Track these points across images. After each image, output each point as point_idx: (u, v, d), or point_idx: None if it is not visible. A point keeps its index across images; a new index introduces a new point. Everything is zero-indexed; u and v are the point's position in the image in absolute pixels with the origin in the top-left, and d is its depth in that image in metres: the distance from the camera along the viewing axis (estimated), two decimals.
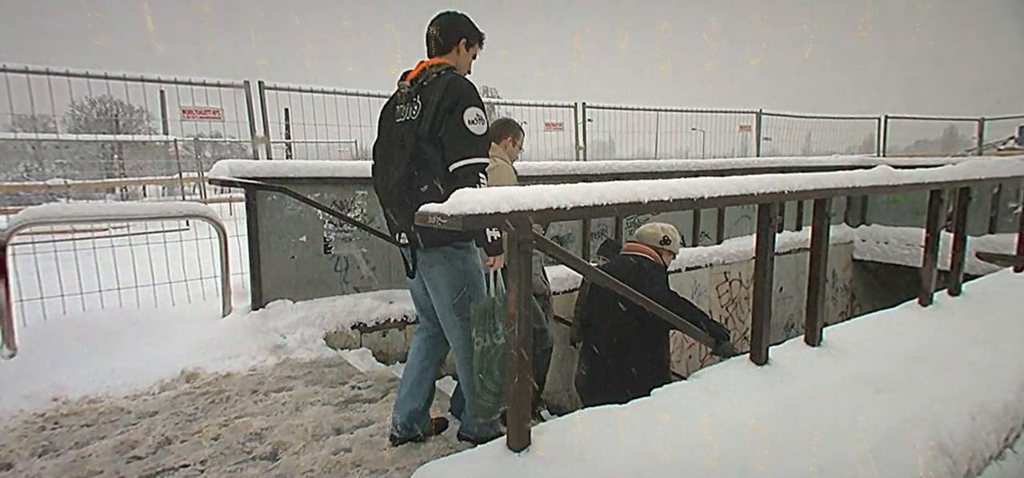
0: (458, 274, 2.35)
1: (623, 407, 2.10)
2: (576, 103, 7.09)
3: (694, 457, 1.81)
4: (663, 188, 2.04)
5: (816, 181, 2.51)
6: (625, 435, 1.90)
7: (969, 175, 3.24)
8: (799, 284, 6.83)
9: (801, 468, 1.82)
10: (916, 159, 8.16)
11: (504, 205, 1.64)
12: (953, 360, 2.66)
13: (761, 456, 1.86)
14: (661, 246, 3.47)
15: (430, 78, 2.28)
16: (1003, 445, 2.35)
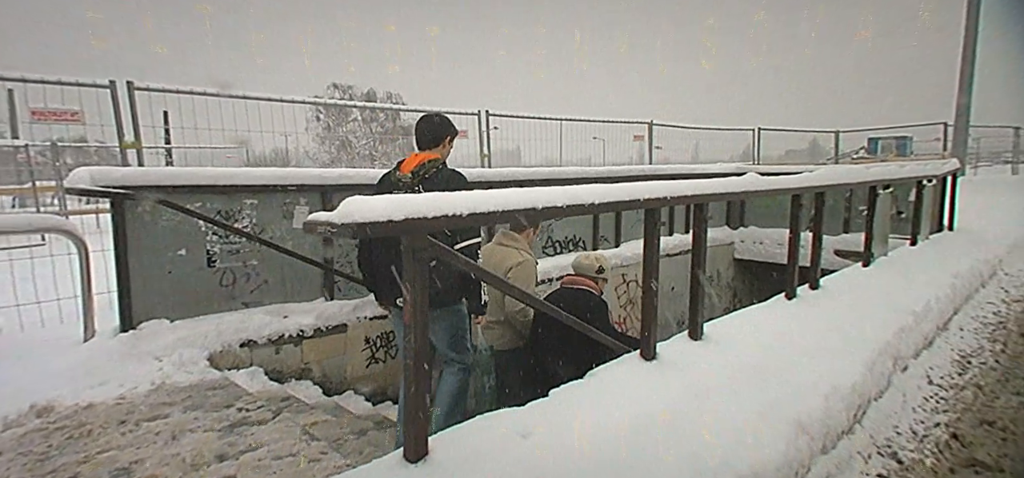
0: (455, 325, 3.12)
1: (522, 409, 2.14)
2: (479, 111, 7.15)
3: (589, 453, 1.88)
4: (559, 195, 2.10)
5: (693, 187, 2.71)
6: (523, 438, 1.93)
7: (823, 181, 3.67)
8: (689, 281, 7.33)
9: (685, 453, 1.95)
10: (782, 167, 9.09)
11: (397, 213, 1.61)
12: (811, 347, 2.99)
13: (650, 445, 1.97)
14: (597, 275, 3.66)
15: (431, 172, 2.86)
16: (853, 421, 2.68)
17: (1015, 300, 5.02)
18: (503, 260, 3.67)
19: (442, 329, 3.10)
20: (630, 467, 1.83)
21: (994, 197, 11.30)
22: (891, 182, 4.78)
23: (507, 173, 5.29)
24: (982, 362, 3.63)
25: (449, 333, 3.13)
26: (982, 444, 2.67)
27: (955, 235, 6.90)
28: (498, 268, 3.61)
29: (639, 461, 1.85)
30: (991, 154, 19.40)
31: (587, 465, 1.80)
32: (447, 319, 3.09)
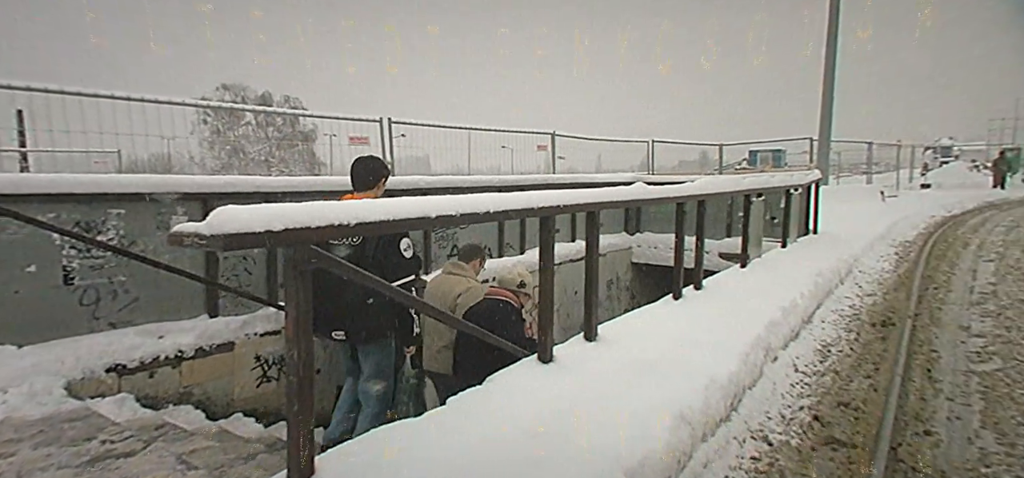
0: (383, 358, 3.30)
1: (416, 421, 2.11)
2: (381, 118, 6.99)
3: (482, 459, 1.88)
4: (452, 203, 2.10)
5: (584, 196, 2.83)
6: (417, 450, 1.90)
7: (702, 191, 3.98)
8: None
9: (577, 450, 2.02)
10: (671, 177, 9.73)
11: (276, 223, 1.53)
12: (693, 343, 3.21)
13: (544, 445, 2.01)
14: (518, 289, 3.68)
15: None
16: (730, 409, 2.91)
17: (867, 294, 5.71)
18: (451, 289, 3.78)
19: (372, 362, 3.26)
20: (522, 469, 1.86)
21: (851, 204, 12.84)
22: (763, 191, 5.28)
23: (409, 181, 5.21)
24: (840, 350, 4.09)
25: (378, 366, 3.27)
26: (838, 423, 3.00)
27: (819, 238, 7.74)
28: (446, 296, 3.72)
29: (532, 462, 1.88)
30: (850, 165, 21.97)
31: (480, 471, 1.81)
32: (378, 353, 3.25)
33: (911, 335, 4.35)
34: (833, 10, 13.33)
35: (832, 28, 13.37)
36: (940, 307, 5.19)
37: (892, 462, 2.59)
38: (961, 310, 5.06)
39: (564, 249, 6.66)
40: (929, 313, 4.99)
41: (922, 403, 3.22)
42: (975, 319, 4.76)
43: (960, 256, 7.64)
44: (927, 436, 2.83)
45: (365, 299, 2.98)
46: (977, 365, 3.75)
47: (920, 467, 2.54)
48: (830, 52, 13.36)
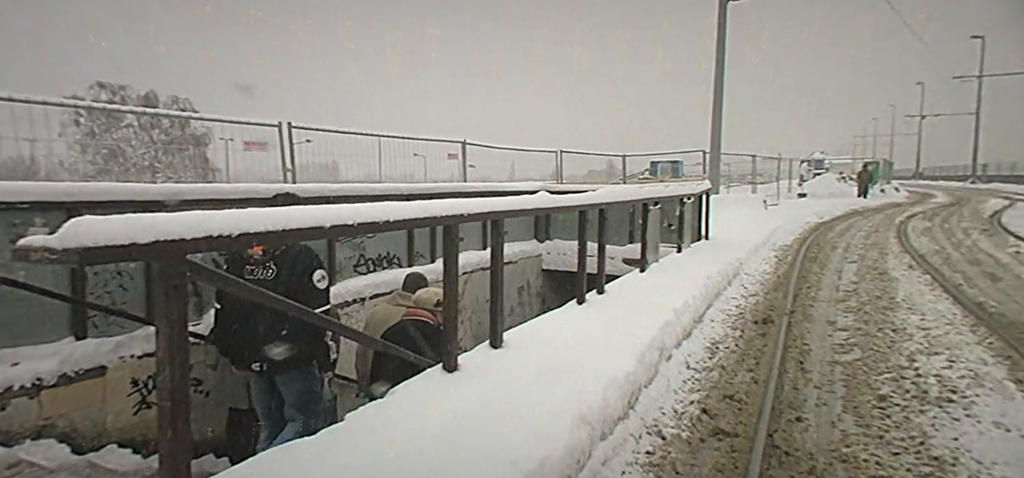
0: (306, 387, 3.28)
1: (312, 440, 2.02)
2: (280, 122, 6.65)
3: (379, 470, 1.84)
4: (348, 213, 2.04)
5: (487, 205, 2.86)
6: (311, 469, 1.82)
7: (601, 199, 4.17)
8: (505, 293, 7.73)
9: (478, 457, 2.03)
10: (577, 186, 10.11)
11: (142, 235, 1.41)
12: (594, 345, 3.34)
13: (444, 453, 2.00)
14: (435, 308, 3.58)
15: (281, 249, 3.04)
16: (627, 408, 3.05)
17: (751, 295, 6.23)
18: (388, 317, 3.73)
19: (293, 391, 3.23)
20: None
21: (739, 211, 13.98)
22: (659, 200, 5.62)
23: (312, 189, 5.00)
24: (726, 347, 4.42)
25: (298, 395, 3.25)
26: (724, 415, 3.24)
27: (710, 243, 8.35)
28: (383, 324, 3.66)
29: (428, 471, 1.87)
30: (739, 176, 23.93)
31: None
32: (298, 381, 3.23)
33: (787, 331, 4.79)
34: (720, 37, 14.53)
35: (719, 54, 14.56)
36: (812, 304, 5.77)
37: (769, 448, 2.83)
38: (828, 307, 5.65)
39: (476, 257, 6.69)
40: (802, 310, 5.52)
41: (795, 392, 3.55)
42: (840, 315, 5.34)
43: (829, 258, 8.55)
44: (798, 422, 3.13)
45: (281, 328, 2.99)
46: (840, 356, 4.20)
47: (792, 450, 2.79)
48: (718, 74, 14.53)
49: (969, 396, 3.30)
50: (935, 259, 8.23)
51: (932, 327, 4.73)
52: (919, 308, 5.39)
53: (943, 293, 6.03)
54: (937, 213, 16.32)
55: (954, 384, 3.48)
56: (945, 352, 4.08)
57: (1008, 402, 3.22)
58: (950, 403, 3.22)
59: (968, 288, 6.24)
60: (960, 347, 4.19)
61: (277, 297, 2.11)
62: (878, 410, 3.20)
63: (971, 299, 5.69)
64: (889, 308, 5.44)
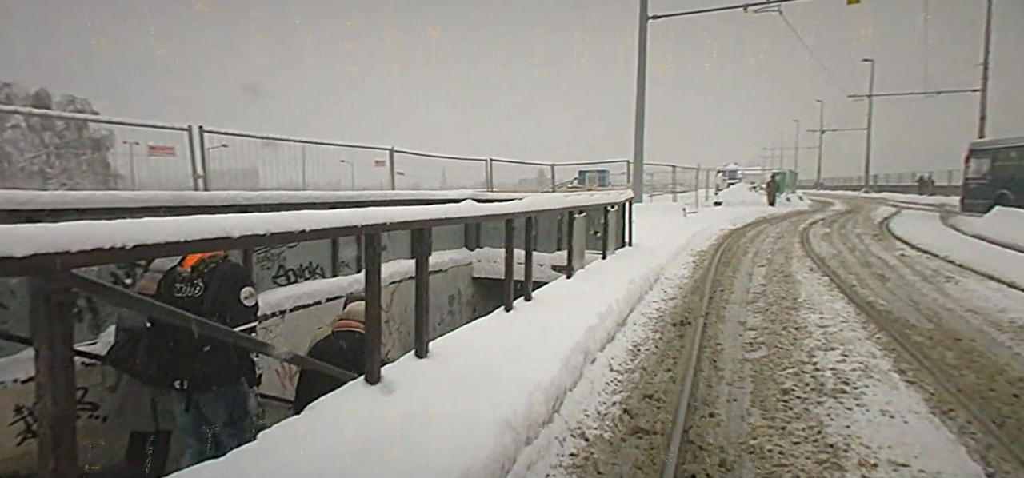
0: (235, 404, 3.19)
1: (220, 461, 1.91)
2: (190, 127, 6.25)
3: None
4: (258, 222, 1.95)
5: (411, 214, 2.83)
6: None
7: (529, 208, 4.24)
8: (432, 302, 7.65)
9: (400, 470, 1.99)
10: (506, 194, 10.20)
11: (18, 248, 1.28)
12: (520, 351, 3.38)
13: (365, 468, 1.95)
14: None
15: (211, 266, 3.04)
16: (552, 412, 3.10)
17: (670, 298, 6.53)
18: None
19: (221, 408, 3.17)
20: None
21: (660, 219, 14.64)
22: (584, 208, 5.78)
23: (225, 197, 4.73)
24: (647, 349, 4.60)
25: (228, 412, 3.20)
26: (644, 414, 3.36)
27: (634, 249, 8.68)
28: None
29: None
30: (661, 185, 25.06)
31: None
32: (226, 398, 3.17)
33: (702, 332, 5.05)
34: (641, 53, 15.22)
35: (641, 70, 15.24)
36: (725, 306, 6.12)
37: (684, 444, 2.97)
38: (740, 308, 6.02)
39: (405, 266, 6.57)
40: (717, 312, 5.85)
41: (709, 390, 3.75)
42: (750, 315, 5.70)
43: (741, 263, 9.11)
44: (711, 418, 3.31)
45: (203, 346, 2.95)
46: (750, 354, 4.48)
47: (705, 445, 2.95)
48: (640, 89, 15.19)
49: (859, 387, 3.61)
50: (833, 262, 8.98)
51: (829, 325, 5.15)
52: (818, 307, 5.85)
53: (839, 293, 6.58)
54: (835, 220, 17.84)
55: (847, 376, 3.80)
56: (840, 347, 4.45)
57: (893, 391, 3.55)
58: (843, 394, 3.52)
59: (860, 288, 6.86)
60: (853, 342, 4.58)
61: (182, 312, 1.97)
62: (782, 403, 3.44)
63: (863, 298, 6.25)
64: (793, 308, 5.87)
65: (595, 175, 21.38)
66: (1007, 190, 15.80)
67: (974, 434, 2.94)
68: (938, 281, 7.26)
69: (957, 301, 6.09)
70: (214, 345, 2.97)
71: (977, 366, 4.00)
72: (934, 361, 4.10)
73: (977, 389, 3.57)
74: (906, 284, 7.13)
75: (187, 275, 3.08)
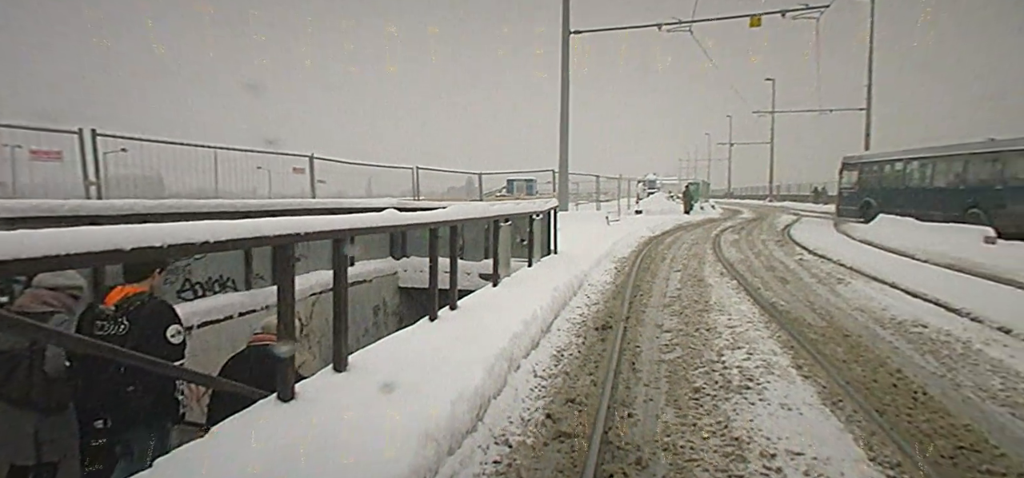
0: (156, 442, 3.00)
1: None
2: (81, 129, 5.72)
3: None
4: (153, 233, 1.82)
5: (327, 223, 2.74)
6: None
7: (452, 217, 4.23)
8: (356, 314, 7.43)
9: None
10: (431, 202, 10.16)
11: None
12: (444, 360, 3.35)
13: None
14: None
15: (136, 305, 2.91)
16: (476, 420, 3.09)
17: (593, 304, 6.72)
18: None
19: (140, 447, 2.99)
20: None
21: (585, 226, 15.06)
22: (510, 216, 5.84)
23: (122, 206, 4.37)
24: (570, 354, 4.71)
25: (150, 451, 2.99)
26: (566, 418, 3.43)
27: (558, 257, 8.87)
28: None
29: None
30: (586, 194, 25.81)
31: None
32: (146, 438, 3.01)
33: (623, 335, 5.24)
34: (564, 66, 15.66)
35: (565, 82, 15.68)
36: (644, 310, 6.39)
37: (604, 444, 3.05)
38: (657, 312, 6.30)
39: (327, 276, 6.31)
40: (636, 316, 6.09)
41: (627, 391, 3.88)
42: (666, 318, 5.98)
43: (659, 268, 9.55)
44: (629, 418, 3.43)
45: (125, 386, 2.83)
46: (665, 355, 4.69)
47: (623, 445, 3.05)
48: (564, 101, 15.61)
49: (762, 383, 3.88)
50: (741, 267, 9.62)
51: (737, 325, 5.50)
52: (727, 309, 6.24)
53: (746, 296, 7.05)
54: (744, 227, 19.11)
55: (751, 373, 4.07)
56: (745, 346, 4.77)
57: (791, 385, 3.84)
58: (748, 390, 3.76)
59: (764, 290, 7.38)
60: (757, 341, 4.92)
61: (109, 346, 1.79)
62: (693, 401, 3.63)
63: (767, 300, 6.73)
64: (705, 310, 6.22)
65: (523, 184, 21.71)
66: (871, 198, 18.24)
67: (859, 422, 3.23)
68: (831, 283, 7.95)
69: (847, 301, 6.70)
70: (139, 383, 2.85)
71: (863, 360, 4.41)
72: (826, 356, 4.48)
73: (862, 381, 3.93)
74: (804, 286, 7.75)
75: (111, 313, 2.96)
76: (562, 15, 16.63)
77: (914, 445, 2.92)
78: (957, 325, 5.38)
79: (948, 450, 2.88)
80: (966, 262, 9.23)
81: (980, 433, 3.07)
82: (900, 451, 2.85)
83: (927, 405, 3.47)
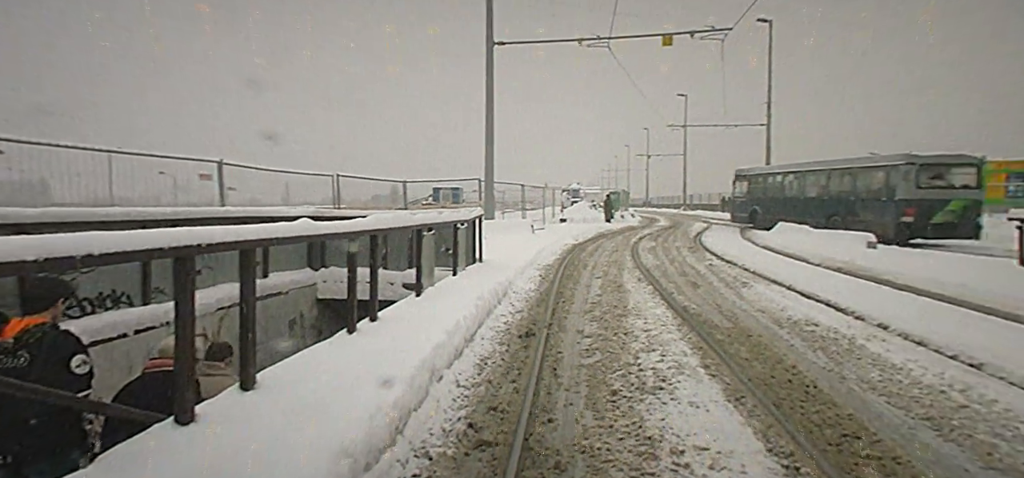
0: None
1: None
2: None
3: None
4: (17, 248, 1.64)
5: (235, 234, 2.60)
6: None
7: (372, 226, 4.13)
8: (270, 328, 7.05)
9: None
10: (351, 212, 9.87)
11: None
12: (362, 374, 3.26)
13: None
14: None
15: (36, 336, 2.70)
16: (395, 434, 3.02)
17: (518, 311, 6.79)
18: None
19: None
20: None
21: (510, 235, 15.22)
22: (433, 226, 5.79)
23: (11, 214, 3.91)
24: (494, 362, 4.72)
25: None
26: (488, 427, 3.43)
27: (484, 265, 8.89)
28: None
29: None
30: (512, 202, 26.07)
31: None
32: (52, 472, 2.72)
33: (546, 342, 5.33)
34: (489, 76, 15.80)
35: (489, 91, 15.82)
36: (566, 316, 6.53)
37: (525, 451, 3.09)
38: (579, 318, 6.47)
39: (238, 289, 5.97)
40: (558, 323, 6.22)
41: (549, 397, 3.95)
42: (587, 324, 6.15)
43: (581, 275, 9.82)
44: (550, 423, 3.49)
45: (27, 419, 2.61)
46: (586, 359, 4.82)
47: (543, 451, 3.09)
48: (489, 109, 15.74)
49: (674, 383, 4.08)
50: (656, 273, 10.08)
51: (652, 329, 5.75)
52: (644, 314, 6.51)
53: (661, 300, 7.40)
54: (660, 235, 20.06)
55: (664, 374, 4.27)
56: (660, 348, 5.00)
57: (699, 384, 4.07)
58: (661, 390, 3.94)
59: (678, 295, 7.78)
60: (670, 344, 5.17)
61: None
62: (610, 404, 3.75)
63: (679, 304, 7.09)
64: (623, 315, 6.46)
65: (449, 192, 21.58)
66: (757, 206, 21.23)
67: (759, 416, 3.47)
68: (737, 286, 8.51)
69: (750, 303, 7.20)
70: (42, 416, 2.63)
71: (763, 358, 4.75)
72: (731, 355, 4.78)
73: (762, 377, 4.23)
74: (713, 290, 8.25)
75: (8, 346, 2.78)
76: (486, 26, 16.78)
77: (805, 435, 3.18)
78: (843, 323, 5.93)
79: (834, 438, 3.16)
80: (852, 265, 10.20)
81: (861, 421, 3.39)
82: (793, 441, 3.09)
83: (817, 398, 3.79)
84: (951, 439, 3.14)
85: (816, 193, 17.93)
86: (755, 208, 21.17)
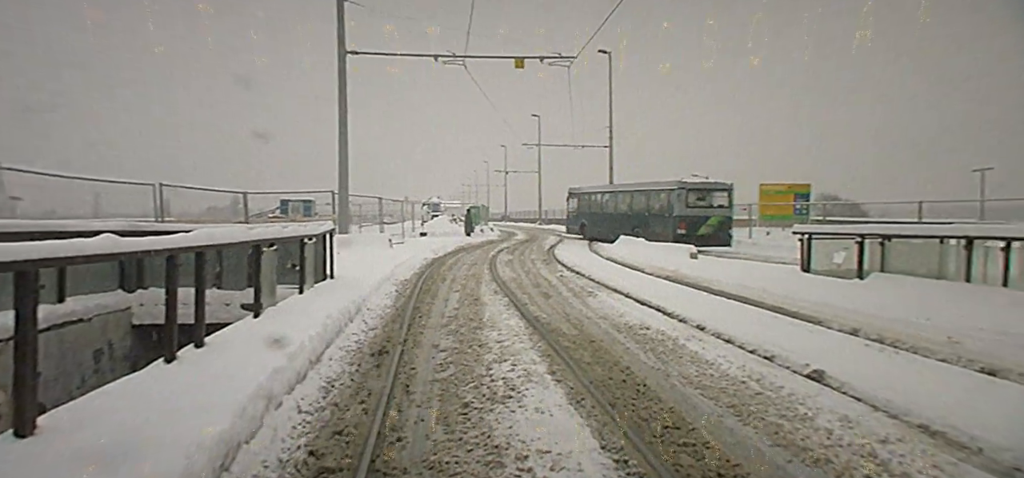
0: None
1: None
2: None
3: None
4: None
5: (10, 252, 2.17)
6: None
7: (198, 241, 3.71)
8: (66, 362, 5.96)
9: None
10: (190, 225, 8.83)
11: None
12: (178, 409, 2.90)
13: None
14: None
15: None
16: (220, 471, 2.72)
17: (371, 329, 6.55)
18: None
19: None
20: None
21: (367, 250, 14.71)
22: (275, 240, 5.37)
23: None
24: (342, 384, 4.49)
25: None
26: (331, 453, 3.24)
27: (335, 282, 8.46)
28: None
29: None
30: (370, 216, 25.20)
31: None
32: None
33: (400, 359, 5.20)
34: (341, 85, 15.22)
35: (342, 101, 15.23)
36: (422, 331, 6.45)
37: (370, 474, 2.97)
38: (435, 332, 6.43)
39: None
40: (414, 338, 6.12)
41: (399, 415, 3.85)
42: (443, 338, 6.13)
43: (439, 289, 9.79)
44: (399, 442, 3.40)
45: None
46: (439, 374, 4.80)
47: (390, 472, 3.00)
48: (342, 120, 15.15)
49: (522, 391, 4.22)
50: (512, 285, 10.42)
51: (505, 339, 5.92)
52: (498, 325, 6.67)
53: (515, 311, 7.65)
54: (517, 248, 20.81)
55: (514, 383, 4.41)
56: (511, 358, 5.15)
57: (545, 391, 4.26)
58: (510, 399, 4.05)
59: (531, 305, 8.11)
60: (521, 353, 5.35)
61: None
62: (462, 416, 3.77)
63: (532, 314, 7.39)
64: (479, 327, 6.56)
65: (299, 205, 20.28)
66: (585, 220, 25.60)
67: (596, 416, 3.73)
68: (583, 296, 9.12)
69: (594, 310, 7.75)
70: None
71: (603, 361, 5.13)
72: (576, 361, 5.09)
73: (601, 380, 4.56)
74: (562, 299, 8.74)
75: None
76: (337, 34, 16.15)
77: (635, 431, 3.49)
78: (669, 325, 6.63)
79: (658, 431, 3.51)
80: (678, 274, 11.49)
81: (680, 413, 3.80)
82: (625, 437, 3.37)
83: (646, 395, 4.18)
84: (749, 423, 3.65)
85: (625, 209, 22.13)
86: (583, 221, 25.61)
